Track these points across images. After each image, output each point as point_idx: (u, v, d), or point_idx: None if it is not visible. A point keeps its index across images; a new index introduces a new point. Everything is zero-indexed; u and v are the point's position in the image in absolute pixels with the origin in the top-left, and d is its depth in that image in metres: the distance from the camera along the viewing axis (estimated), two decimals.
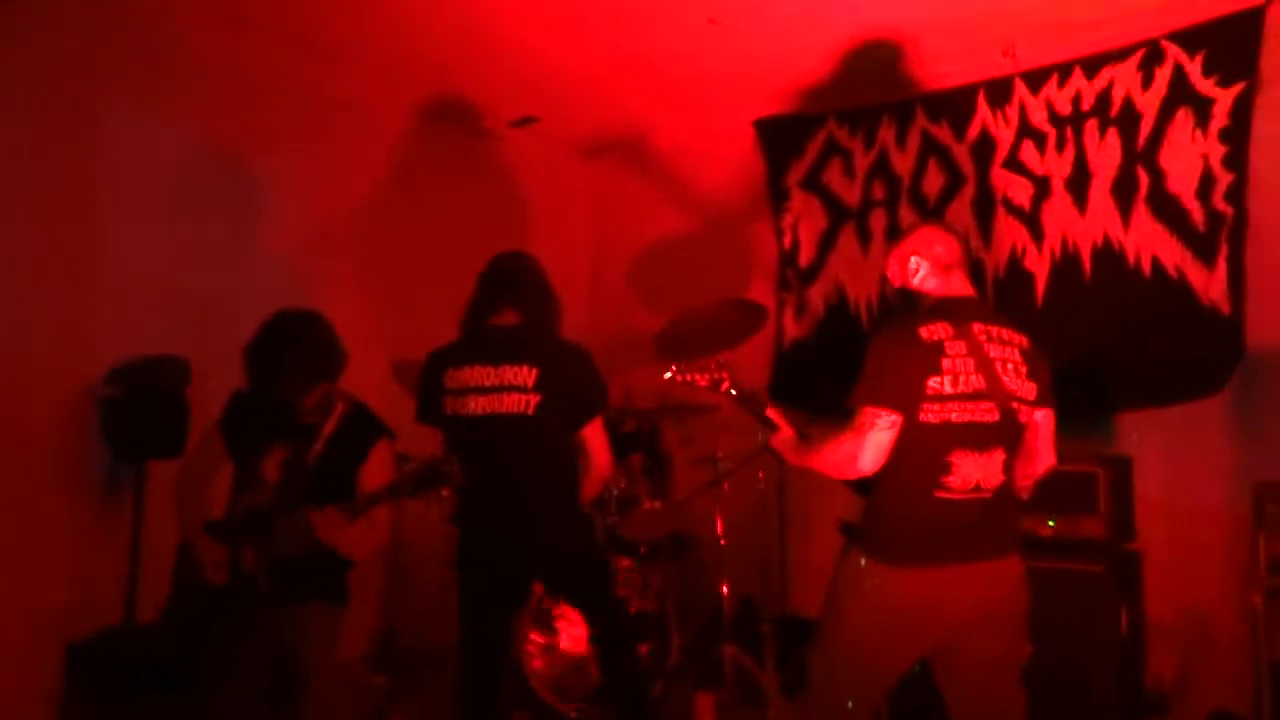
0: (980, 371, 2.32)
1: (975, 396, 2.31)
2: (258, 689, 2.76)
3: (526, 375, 2.89)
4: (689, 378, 2.70)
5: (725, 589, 3.97)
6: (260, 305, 2.99)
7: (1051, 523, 3.38)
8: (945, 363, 2.30)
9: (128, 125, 3.82)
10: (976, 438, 2.31)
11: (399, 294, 4.72)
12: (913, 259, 2.52)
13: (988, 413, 2.32)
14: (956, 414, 2.29)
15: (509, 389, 2.89)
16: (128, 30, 3.78)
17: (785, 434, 2.60)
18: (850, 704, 2.42)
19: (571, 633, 3.78)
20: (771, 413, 2.64)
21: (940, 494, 2.31)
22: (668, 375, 2.74)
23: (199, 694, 2.72)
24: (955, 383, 2.30)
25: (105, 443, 3.61)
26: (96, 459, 3.64)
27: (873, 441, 2.28)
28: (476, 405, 2.92)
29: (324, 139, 4.51)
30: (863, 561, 2.38)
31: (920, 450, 2.30)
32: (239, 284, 4.06)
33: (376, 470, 2.83)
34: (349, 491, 2.78)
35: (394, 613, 4.42)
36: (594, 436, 3.02)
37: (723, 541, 4.04)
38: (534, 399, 2.88)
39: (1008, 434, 2.37)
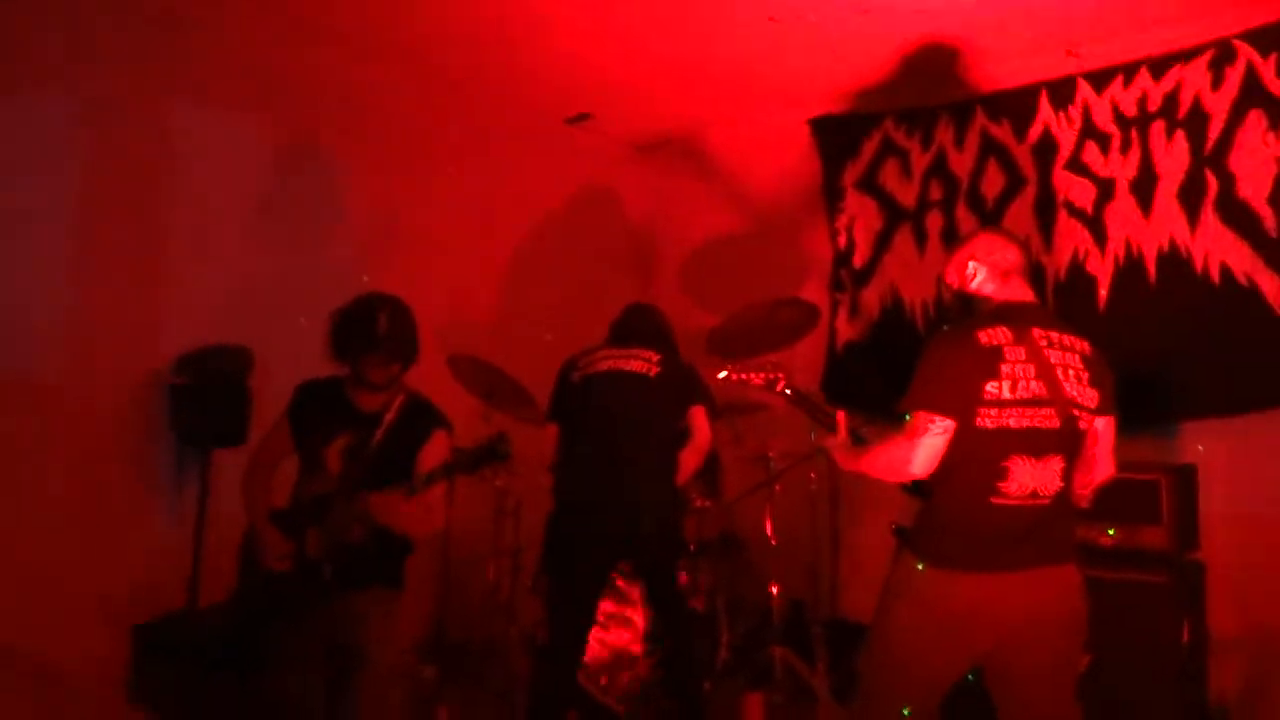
0: (1040, 378, 2.29)
1: (1035, 403, 2.28)
2: (317, 671, 2.82)
3: (651, 354, 3.54)
4: (744, 377, 2.71)
5: (775, 590, 3.96)
6: (321, 296, 3.05)
7: (1111, 531, 3.32)
8: (1004, 368, 2.28)
9: (196, 120, 3.92)
10: (1034, 444, 2.29)
11: (457, 289, 4.78)
12: (970, 264, 2.50)
13: (1047, 419, 2.29)
14: (1015, 420, 2.27)
15: (636, 357, 3.53)
16: (196, 30, 3.88)
17: (840, 437, 2.59)
18: (904, 710, 2.40)
19: (625, 625, 3.81)
20: (840, 415, 2.63)
21: (996, 500, 2.29)
22: (723, 375, 2.75)
23: (261, 675, 2.79)
24: (1014, 388, 2.27)
25: (172, 430, 3.72)
26: (165, 446, 3.74)
27: (925, 446, 2.27)
28: (604, 365, 3.52)
29: (386, 135, 4.58)
30: (917, 566, 2.36)
31: (977, 455, 2.28)
32: (301, 275, 4.14)
33: (433, 458, 2.89)
34: (407, 478, 2.83)
35: (445, 605, 4.48)
36: (699, 416, 3.53)
37: (773, 542, 4.03)
38: (656, 368, 3.49)
39: (1067, 441, 2.34)
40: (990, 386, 2.27)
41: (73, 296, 3.56)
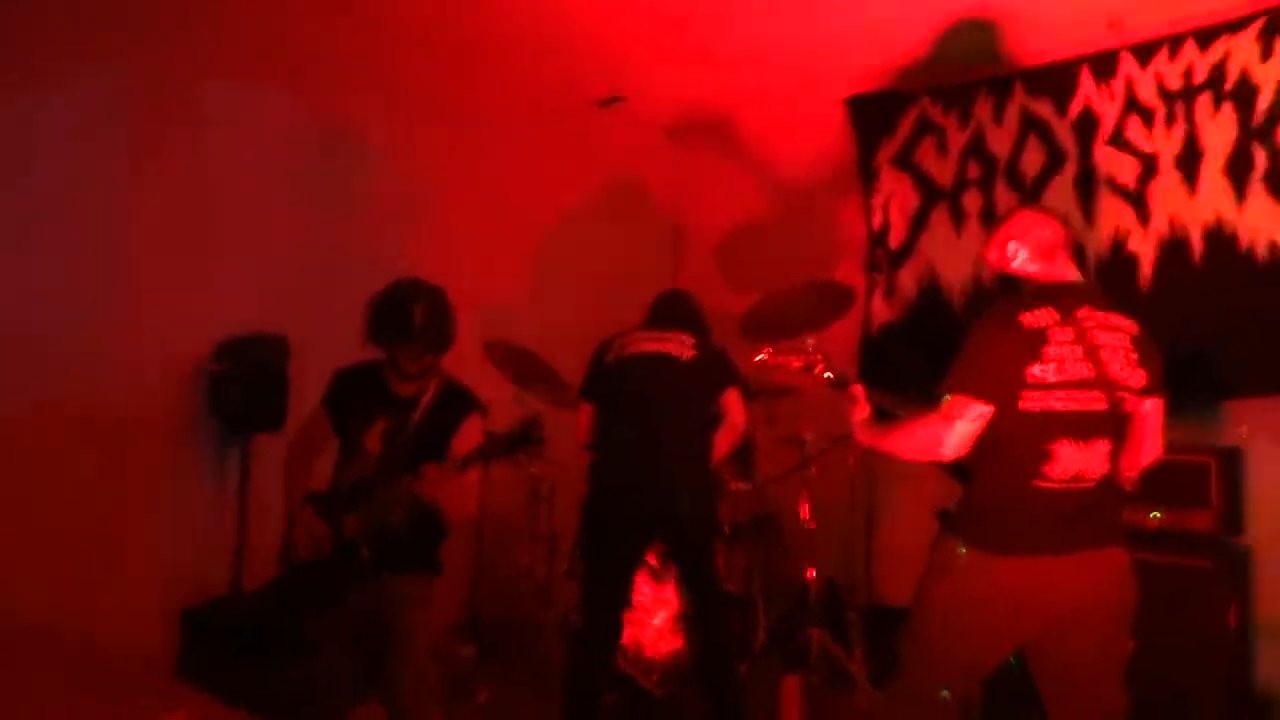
0: (1087, 359, 2.25)
1: (1081, 385, 2.25)
2: (353, 656, 2.86)
3: (686, 336, 3.55)
4: (782, 361, 2.69)
5: (811, 572, 3.95)
6: (355, 285, 3.06)
7: (1156, 514, 3.27)
8: (1049, 350, 2.24)
9: (235, 108, 3.95)
10: (1080, 427, 2.25)
11: (490, 274, 4.79)
12: (1010, 244, 2.45)
13: (1094, 401, 2.26)
14: (1060, 403, 2.24)
15: (671, 339, 3.54)
16: (234, 13, 3.88)
17: (861, 412, 2.58)
18: (944, 693, 2.38)
19: (661, 608, 3.82)
20: (856, 389, 2.61)
21: (1040, 483, 2.26)
22: (761, 358, 2.73)
23: (299, 658, 2.83)
24: (1060, 370, 2.24)
25: (212, 418, 3.77)
26: (206, 433, 3.79)
27: (959, 430, 2.25)
28: (641, 346, 3.53)
29: (420, 123, 4.59)
30: (960, 549, 2.33)
31: (1021, 438, 2.25)
32: (336, 261, 4.17)
33: (466, 442, 2.90)
34: (442, 460, 2.84)
35: (479, 589, 4.52)
36: (734, 399, 3.53)
37: (809, 525, 4.01)
38: (691, 352, 3.50)
39: (1114, 424, 2.30)
40: (1035, 369, 2.23)
41: (112, 286, 3.61)
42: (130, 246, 3.67)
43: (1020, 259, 2.44)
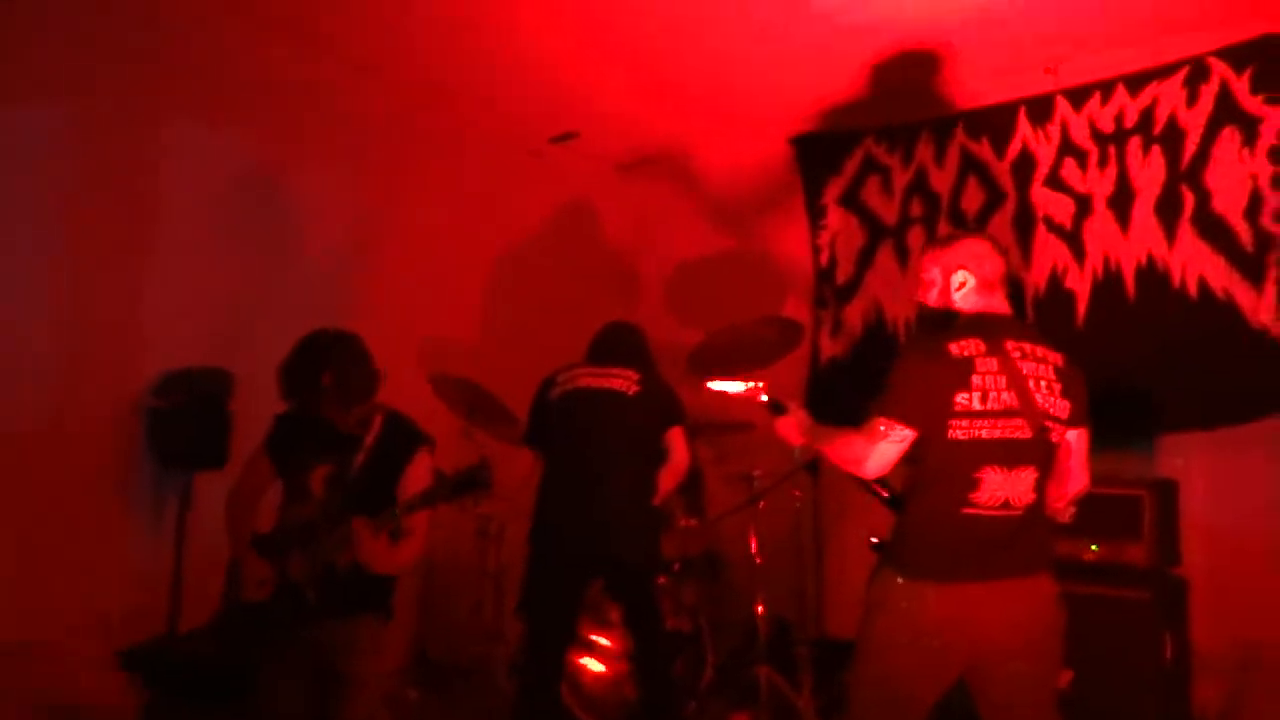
0: (1012, 388, 2.31)
1: (1006, 414, 2.30)
2: (302, 700, 2.78)
3: (631, 374, 3.54)
4: (726, 379, 2.79)
5: (760, 609, 3.94)
6: (300, 318, 3.03)
7: (1094, 547, 3.33)
8: (975, 379, 2.29)
9: (178, 142, 3.90)
10: (1006, 455, 2.30)
11: (438, 308, 4.77)
12: (960, 272, 2.45)
13: (1019, 430, 2.31)
14: (987, 431, 2.29)
15: (615, 375, 3.53)
16: (180, 48, 3.85)
17: (796, 414, 2.64)
18: None
19: (609, 648, 3.78)
20: (794, 407, 2.66)
21: (968, 510, 2.30)
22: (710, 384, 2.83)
23: (247, 702, 2.75)
24: (985, 399, 2.29)
25: (152, 454, 3.67)
26: (144, 470, 3.69)
27: (880, 451, 2.32)
28: (584, 381, 3.53)
29: (367, 156, 4.57)
30: (894, 579, 2.37)
31: (949, 466, 2.30)
32: (282, 296, 4.12)
33: (416, 478, 2.85)
34: (392, 500, 2.80)
35: (427, 627, 4.44)
36: (677, 437, 3.54)
37: (758, 561, 4.01)
38: (635, 387, 3.50)
39: (1040, 452, 2.35)
40: (961, 398, 2.28)
41: (49, 318, 3.52)
42: (71, 276, 3.59)
43: (965, 290, 2.46)
